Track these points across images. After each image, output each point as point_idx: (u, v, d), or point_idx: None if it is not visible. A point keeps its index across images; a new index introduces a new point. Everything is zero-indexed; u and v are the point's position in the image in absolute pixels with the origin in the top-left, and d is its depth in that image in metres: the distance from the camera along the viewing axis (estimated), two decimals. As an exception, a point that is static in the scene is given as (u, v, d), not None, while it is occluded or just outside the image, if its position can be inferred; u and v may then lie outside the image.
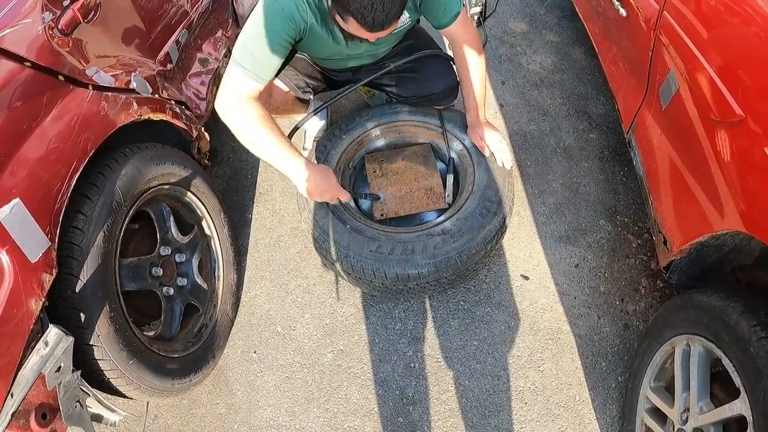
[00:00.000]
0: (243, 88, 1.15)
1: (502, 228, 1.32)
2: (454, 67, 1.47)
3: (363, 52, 1.39)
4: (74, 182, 0.98)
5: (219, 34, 1.80)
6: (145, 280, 1.25)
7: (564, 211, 1.66)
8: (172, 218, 1.33)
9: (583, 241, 1.62)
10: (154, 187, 1.25)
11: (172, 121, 1.35)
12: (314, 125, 1.70)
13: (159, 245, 1.30)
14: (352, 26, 1.06)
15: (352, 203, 1.40)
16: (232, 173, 1.86)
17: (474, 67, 1.38)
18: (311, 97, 1.62)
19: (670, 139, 1.26)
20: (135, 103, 1.21)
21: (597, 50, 1.81)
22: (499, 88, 2.02)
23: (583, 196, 1.71)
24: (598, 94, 2.03)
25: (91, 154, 1.03)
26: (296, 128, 1.43)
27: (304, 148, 1.76)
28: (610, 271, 1.56)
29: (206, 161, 1.55)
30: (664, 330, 1.14)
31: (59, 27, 1.03)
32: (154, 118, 1.28)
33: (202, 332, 1.40)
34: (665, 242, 1.25)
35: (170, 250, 1.33)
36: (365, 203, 1.45)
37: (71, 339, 0.95)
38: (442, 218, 1.31)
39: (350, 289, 1.52)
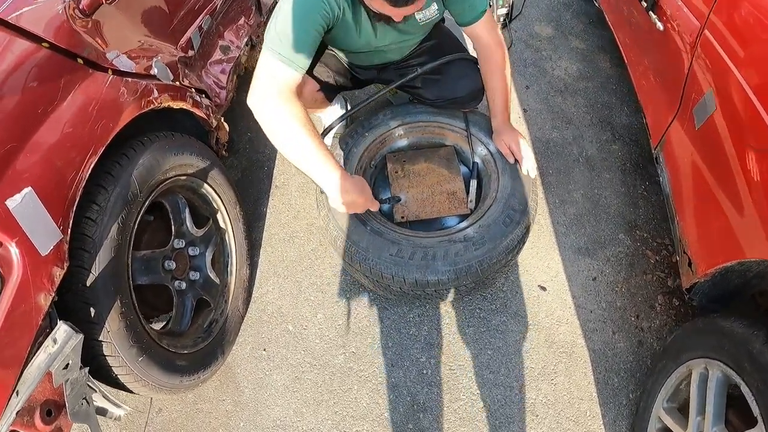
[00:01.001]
0: (282, 79, 1.04)
1: (524, 238, 1.25)
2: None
3: (389, 44, 1.30)
4: (89, 171, 0.91)
5: (241, 21, 1.72)
6: (157, 273, 1.19)
7: (584, 223, 1.59)
8: (187, 210, 1.26)
9: (602, 254, 1.55)
10: (171, 177, 1.18)
11: (191, 109, 1.27)
12: (333, 114, 1.62)
13: (173, 238, 1.23)
14: (376, 2, 0.99)
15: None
16: (247, 164, 1.78)
17: (499, 70, 1.30)
18: (338, 94, 1.54)
19: (702, 160, 1.19)
20: (155, 90, 1.14)
21: (626, 61, 1.73)
22: (523, 92, 1.94)
23: (603, 209, 1.64)
24: (622, 104, 1.95)
25: (108, 142, 0.96)
26: (328, 130, 1.34)
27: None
28: (627, 287, 1.50)
29: (224, 152, 1.48)
30: (683, 352, 1.09)
31: (80, 7, 0.95)
32: (174, 107, 1.20)
33: (212, 328, 1.34)
34: (690, 264, 1.18)
35: (184, 243, 1.26)
36: (386, 204, 1.39)
37: (81, 336, 0.88)
38: (464, 224, 1.24)
39: (365, 290, 1.45)
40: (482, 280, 1.21)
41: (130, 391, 1.08)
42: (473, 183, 1.36)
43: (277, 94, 1.03)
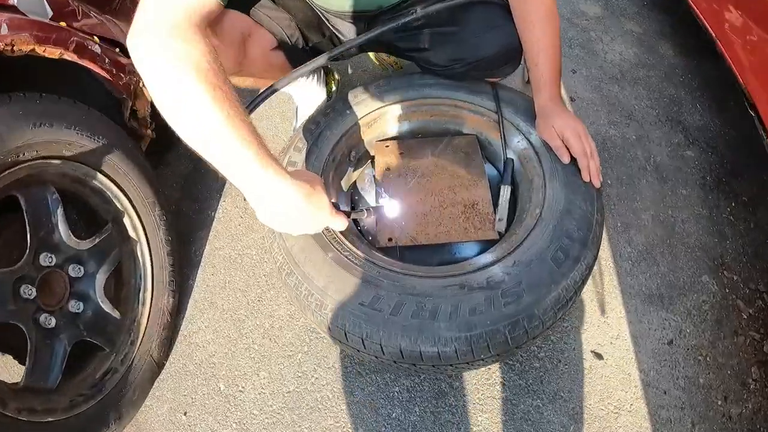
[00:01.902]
0: (182, 4, 0.58)
1: (582, 285, 0.75)
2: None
3: None
4: None
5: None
6: (2, 305, 0.73)
7: (656, 257, 1.08)
8: (60, 211, 0.80)
9: (680, 304, 1.03)
10: (30, 161, 0.72)
11: (81, 63, 0.82)
12: (310, 99, 1.15)
13: (32, 250, 0.77)
14: None
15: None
16: (201, 154, 1.32)
17: (542, 19, 0.82)
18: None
19: None
20: (4, 26, 0.69)
21: (715, 36, 1.21)
22: (570, 77, 1.44)
23: (680, 237, 1.12)
24: (693, 101, 1.43)
25: None
26: (270, 92, 0.81)
27: (294, 130, 1.21)
28: (713, 355, 0.98)
29: (148, 131, 1.01)
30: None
31: None
32: (46, 55, 0.75)
33: (105, 381, 0.88)
34: None
35: (54, 260, 0.80)
36: (364, 218, 0.88)
37: None
38: (489, 258, 0.75)
39: (331, 344, 0.96)
40: (513, 351, 0.71)
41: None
42: (505, 191, 0.86)
43: (171, 27, 0.55)
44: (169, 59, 0.55)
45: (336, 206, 0.68)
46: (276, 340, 0.96)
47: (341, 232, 0.75)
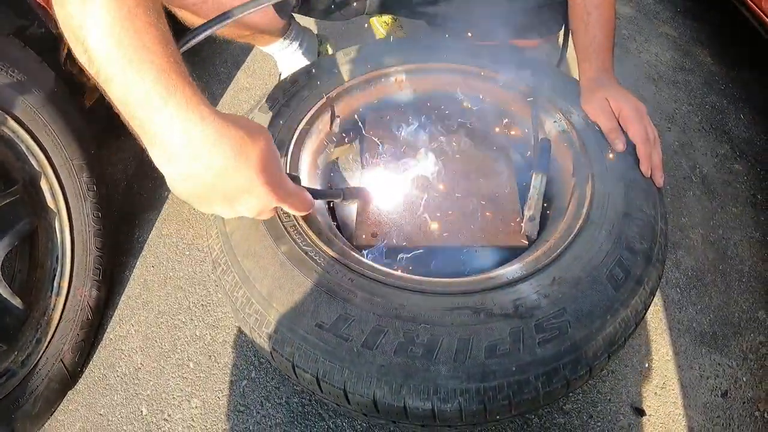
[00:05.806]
0: None
1: (643, 318, 0.50)
2: None
3: None
4: None
5: None
6: None
7: (707, 286, 0.83)
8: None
9: (736, 346, 0.78)
10: None
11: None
12: (294, 63, 0.90)
13: None
14: None
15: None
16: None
17: None
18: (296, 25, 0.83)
19: None
20: None
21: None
22: (603, 69, 1.21)
23: (733, 263, 0.87)
24: (737, 111, 1.20)
25: None
26: (217, 20, 0.48)
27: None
28: (776, 411, 0.73)
29: (91, 81, 0.77)
30: None
31: None
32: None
33: (-2, 385, 0.64)
34: None
35: None
36: (339, 201, 0.60)
37: None
38: (516, 270, 0.50)
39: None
40: (542, 407, 0.46)
41: None
42: (540, 180, 0.60)
43: None
44: None
45: (295, 179, 0.44)
46: (217, 358, 0.70)
47: (304, 218, 0.50)
